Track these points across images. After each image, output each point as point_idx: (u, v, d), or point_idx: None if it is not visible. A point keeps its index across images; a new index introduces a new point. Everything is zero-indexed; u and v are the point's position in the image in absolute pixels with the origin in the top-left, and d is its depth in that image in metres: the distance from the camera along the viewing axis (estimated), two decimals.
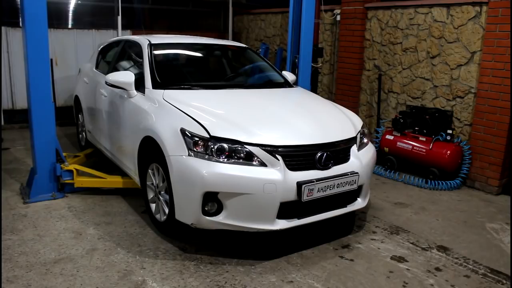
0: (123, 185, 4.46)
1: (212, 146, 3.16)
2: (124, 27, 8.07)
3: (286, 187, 3.14)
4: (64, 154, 4.54)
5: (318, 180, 3.25)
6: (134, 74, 4.14)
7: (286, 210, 3.23)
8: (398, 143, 5.64)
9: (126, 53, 4.97)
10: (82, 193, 4.51)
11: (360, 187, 3.63)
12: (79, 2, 7.99)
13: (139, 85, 4.11)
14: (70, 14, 7.95)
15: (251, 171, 3.11)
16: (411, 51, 5.96)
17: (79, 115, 5.96)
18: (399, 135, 5.67)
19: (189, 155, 3.19)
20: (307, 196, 3.20)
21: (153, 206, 3.79)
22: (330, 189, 3.33)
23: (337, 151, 3.48)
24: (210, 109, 3.59)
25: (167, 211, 3.52)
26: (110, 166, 5.05)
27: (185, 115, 3.42)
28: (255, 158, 3.17)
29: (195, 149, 3.19)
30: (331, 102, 4.46)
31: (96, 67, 5.56)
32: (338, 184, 3.37)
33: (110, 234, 3.67)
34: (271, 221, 3.20)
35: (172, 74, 4.45)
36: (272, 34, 8.64)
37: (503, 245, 3.80)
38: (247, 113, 3.66)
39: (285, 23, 8.18)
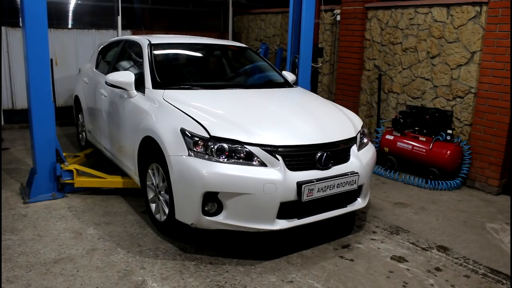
0: (123, 185, 4.45)
1: (212, 146, 3.16)
2: (124, 27, 8.07)
3: (286, 187, 3.14)
4: (64, 154, 4.54)
5: (318, 180, 3.25)
6: (134, 74, 4.14)
7: (286, 210, 3.23)
8: (398, 143, 5.64)
9: (126, 53, 4.97)
10: (82, 193, 4.51)
11: (360, 187, 3.63)
12: (79, 2, 7.99)
13: (139, 85, 4.11)
14: (70, 14, 7.95)
15: (251, 171, 3.11)
16: (411, 51, 5.96)
17: (79, 115, 5.96)
18: (399, 135, 5.67)
19: (189, 155, 3.19)
20: (307, 196, 3.20)
21: (153, 206, 3.79)
22: (330, 189, 3.33)
23: (337, 151, 3.48)
24: (210, 109, 3.59)
25: (167, 211, 3.52)
26: (110, 166, 5.05)
27: (185, 115, 3.42)
28: (255, 158, 3.17)
29: (195, 149, 3.19)
30: (331, 102, 4.46)
31: (96, 67, 5.56)
32: (338, 184, 3.37)
33: (110, 234, 3.67)
34: (271, 221, 3.20)
35: (172, 74, 4.45)
36: (272, 34, 8.64)
37: (503, 245, 3.80)
38: (247, 113, 3.66)
39: (285, 23, 8.18)
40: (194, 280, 3.05)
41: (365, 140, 3.88)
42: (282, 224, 3.23)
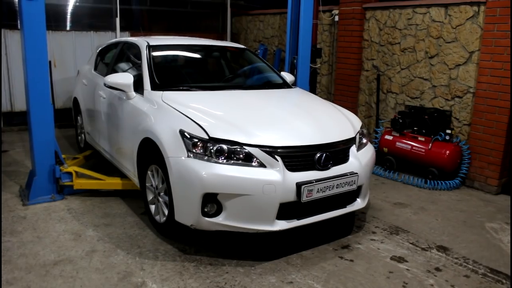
0: (122, 186, 4.45)
1: (211, 147, 3.16)
2: (122, 29, 8.06)
3: (285, 188, 3.14)
4: (63, 156, 4.53)
5: (317, 180, 3.25)
6: (133, 76, 4.14)
7: (285, 210, 3.23)
8: (397, 143, 5.64)
9: (124, 54, 4.96)
10: (81, 195, 4.51)
11: (359, 188, 3.63)
12: (77, 4, 7.98)
13: (138, 86, 4.11)
14: (69, 16, 7.95)
15: (250, 172, 3.11)
16: (410, 51, 5.96)
17: (78, 117, 5.96)
18: (398, 135, 5.68)
19: (188, 156, 3.19)
20: (306, 197, 3.20)
21: (152, 207, 3.78)
22: (329, 190, 3.33)
23: (336, 152, 3.49)
24: (209, 110, 3.59)
25: (166, 212, 3.51)
26: (109, 168, 5.04)
27: (184, 116, 3.42)
28: (254, 159, 3.17)
29: (194, 150, 3.19)
30: (330, 102, 4.46)
31: (95, 69, 5.56)
32: (338, 184, 3.37)
33: (109, 236, 3.66)
34: (270, 222, 3.20)
35: (171, 75, 4.46)
36: (270, 35, 8.64)
37: (503, 245, 3.80)
38: (246, 114, 3.66)
39: (283, 24, 8.19)
40: (194, 281, 3.04)
41: (364, 141, 3.89)
42: (282, 225, 3.23)
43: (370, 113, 6.69)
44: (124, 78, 4.07)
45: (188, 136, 3.23)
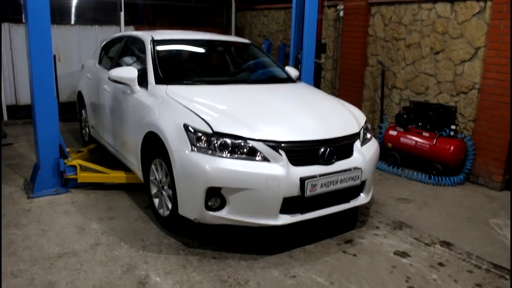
0: (126, 180, 4.47)
1: (215, 142, 3.16)
2: (127, 23, 8.07)
3: (289, 183, 3.14)
4: (67, 149, 4.55)
5: (321, 175, 3.25)
6: (137, 70, 4.14)
7: (289, 205, 3.23)
8: (401, 138, 5.63)
9: (129, 48, 4.97)
10: (86, 188, 4.52)
11: (363, 183, 3.63)
12: None
13: (142, 80, 4.11)
14: (73, 10, 7.95)
15: (254, 166, 3.12)
16: (415, 47, 5.93)
17: (82, 111, 5.97)
18: (402, 130, 5.66)
19: (192, 150, 3.19)
20: (310, 192, 3.20)
21: (156, 201, 3.79)
22: (333, 185, 3.33)
23: (340, 147, 3.48)
24: (213, 105, 3.59)
25: (170, 206, 3.53)
26: (113, 162, 5.06)
27: (188, 110, 3.42)
28: (258, 153, 3.17)
29: (198, 144, 3.19)
30: (335, 97, 4.45)
31: (99, 63, 5.56)
32: (341, 179, 3.37)
33: (113, 229, 3.68)
34: (274, 216, 3.20)
35: (175, 69, 4.46)
36: (275, 29, 8.62)
37: (506, 241, 3.79)
38: (250, 108, 3.66)
39: (288, 18, 8.16)
40: (197, 274, 3.05)
41: (369, 136, 3.88)
42: (285, 219, 3.24)
43: (374, 108, 6.68)
44: (128, 72, 4.07)
45: (192, 130, 3.23)
